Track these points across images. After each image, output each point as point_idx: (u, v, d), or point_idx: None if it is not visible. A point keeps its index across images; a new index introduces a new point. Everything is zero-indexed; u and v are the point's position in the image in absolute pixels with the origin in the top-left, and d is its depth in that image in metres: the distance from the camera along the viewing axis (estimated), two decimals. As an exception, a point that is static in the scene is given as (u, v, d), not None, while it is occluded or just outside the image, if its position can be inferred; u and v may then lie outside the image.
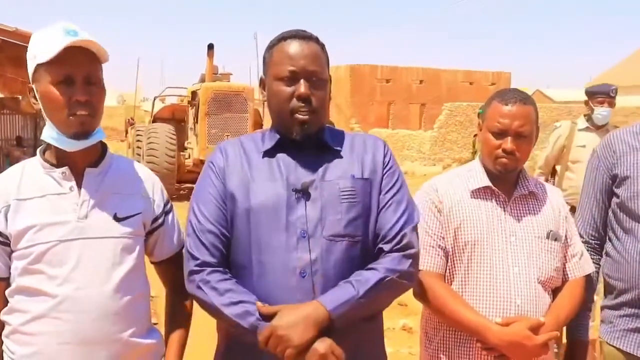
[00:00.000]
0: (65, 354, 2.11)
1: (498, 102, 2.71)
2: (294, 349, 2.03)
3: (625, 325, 2.85)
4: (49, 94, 2.13)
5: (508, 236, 2.68)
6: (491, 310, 2.60)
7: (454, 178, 2.83)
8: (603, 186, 2.94)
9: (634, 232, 2.81)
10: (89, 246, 2.16)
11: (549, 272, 2.68)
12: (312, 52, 2.28)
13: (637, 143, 2.88)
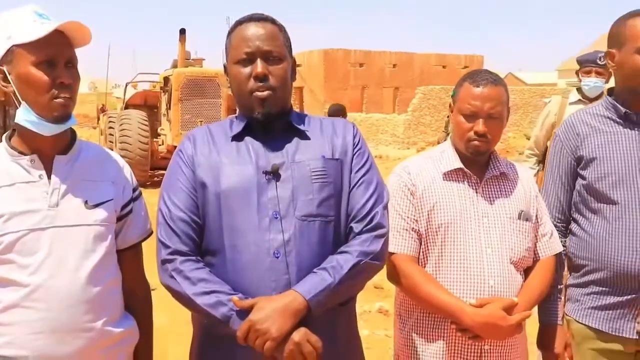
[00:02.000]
0: (38, 343, 2.10)
1: (469, 83, 2.71)
2: (272, 341, 2.05)
3: (593, 303, 2.91)
4: (31, 75, 2.10)
5: (480, 217, 2.70)
6: (465, 291, 2.62)
7: (426, 160, 2.84)
8: (568, 168, 2.99)
9: (602, 212, 2.87)
10: (60, 235, 2.14)
11: (521, 252, 2.71)
12: (268, 32, 2.30)
13: (599, 124, 2.94)
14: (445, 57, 38.65)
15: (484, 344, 2.63)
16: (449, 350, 2.67)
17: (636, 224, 2.81)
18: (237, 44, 2.31)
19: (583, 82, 6.05)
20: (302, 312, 2.09)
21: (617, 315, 2.86)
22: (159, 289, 2.32)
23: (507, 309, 2.56)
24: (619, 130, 2.90)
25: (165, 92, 17.68)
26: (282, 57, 2.32)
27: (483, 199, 2.73)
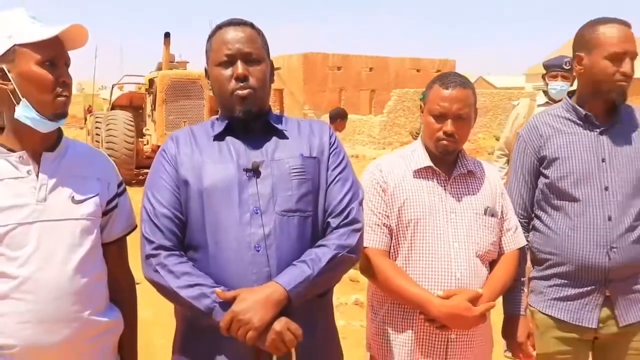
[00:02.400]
0: (26, 332, 2.09)
1: (439, 85, 2.72)
2: (255, 331, 2.06)
3: (555, 294, 2.97)
4: (36, 74, 2.11)
5: (448, 213, 2.71)
6: (433, 283, 2.64)
7: (397, 159, 2.85)
8: (531, 167, 3.03)
9: (564, 209, 2.92)
10: (48, 228, 2.14)
11: (487, 246, 2.73)
12: (247, 35, 2.32)
13: (561, 125, 2.98)
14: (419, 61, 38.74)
15: (450, 333, 2.65)
16: (417, 339, 2.68)
17: (597, 220, 2.86)
18: (217, 47, 2.32)
19: (550, 85, 6.07)
20: (282, 303, 2.11)
21: (579, 306, 2.92)
22: (143, 283, 2.32)
23: (473, 300, 2.58)
24: (579, 132, 2.95)
25: (150, 94, 17.61)
26: (260, 59, 2.33)
27: (451, 196, 2.75)
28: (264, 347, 2.10)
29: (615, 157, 2.90)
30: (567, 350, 2.98)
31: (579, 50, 2.95)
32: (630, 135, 2.94)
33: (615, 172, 2.89)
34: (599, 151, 2.91)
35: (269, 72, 2.39)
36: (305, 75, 35.11)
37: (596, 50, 2.87)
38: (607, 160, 2.90)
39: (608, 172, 2.89)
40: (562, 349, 2.98)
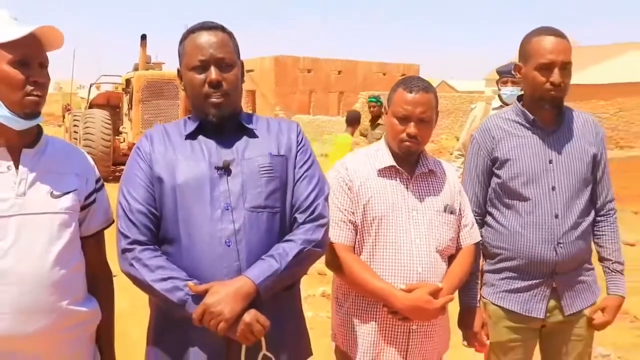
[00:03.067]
0: (5, 322, 2.08)
1: (403, 89, 2.73)
2: (225, 322, 2.07)
3: (506, 287, 3.01)
4: (6, 73, 2.08)
5: (410, 211, 2.72)
6: (396, 277, 2.65)
7: (362, 158, 2.85)
8: (484, 168, 3.06)
9: (515, 207, 2.96)
10: (27, 221, 2.13)
11: (446, 242, 2.76)
12: (220, 40, 2.31)
13: (511, 129, 3.02)
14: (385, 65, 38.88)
15: (412, 325, 2.67)
16: (380, 330, 2.70)
17: (545, 218, 2.91)
18: (190, 52, 2.31)
19: (502, 90, 6.19)
20: (251, 296, 2.12)
21: (528, 297, 2.97)
22: (120, 276, 2.32)
23: (433, 293, 2.60)
24: (528, 135, 2.99)
25: (127, 94, 17.48)
26: (233, 63, 2.33)
27: (413, 194, 2.76)
28: (234, 337, 2.12)
29: (561, 159, 2.96)
30: (518, 338, 3.03)
31: (519, 60, 3.01)
32: (574, 138, 3.00)
33: (561, 173, 2.94)
34: (547, 153, 2.96)
35: (241, 74, 2.39)
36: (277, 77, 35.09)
37: (529, 61, 2.92)
38: (554, 162, 2.95)
39: (555, 173, 2.94)
40: (513, 337, 3.02)
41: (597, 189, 3.07)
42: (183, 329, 2.22)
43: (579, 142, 3.00)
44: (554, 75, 2.85)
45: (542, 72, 2.87)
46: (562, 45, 2.87)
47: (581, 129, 3.04)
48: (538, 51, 2.88)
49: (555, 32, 2.91)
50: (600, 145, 3.06)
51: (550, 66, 2.85)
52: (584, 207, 2.99)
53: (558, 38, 2.88)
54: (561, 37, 2.89)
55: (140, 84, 16.41)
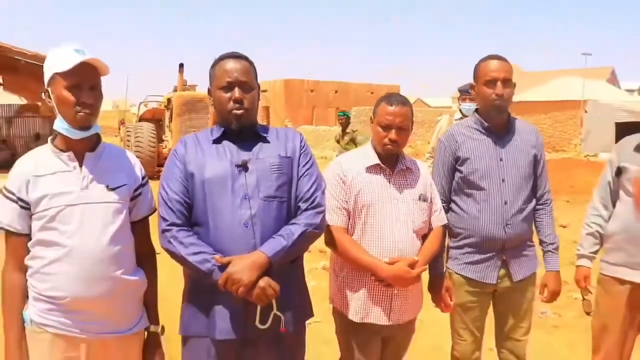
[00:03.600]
0: (73, 287, 2.12)
1: (385, 103, 2.73)
2: (244, 287, 2.09)
3: (466, 259, 3.02)
4: (63, 96, 2.11)
5: (392, 200, 2.72)
6: (381, 253, 2.66)
7: (353, 158, 2.85)
8: (449, 165, 3.05)
9: (473, 196, 2.97)
10: (89, 209, 2.15)
11: (420, 224, 2.76)
12: (243, 67, 2.32)
13: (470, 134, 3.03)
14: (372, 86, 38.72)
15: (393, 290, 2.68)
16: (369, 294, 2.70)
17: (496, 204, 2.92)
18: (220, 75, 2.32)
19: (461, 105, 6.21)
20: (265, 266, 2.14)
21: (483, 267, 2.98)
22: (162, 253, 2.32)
23: (411, 265, 2.62)
24: (484, 138, 3.00)
25: (168, 110, 17.46)
26: (253, 86, 2.34)
27: (394, 187, 2.75)
28: (251, 299, 2.13)
29: (509, 157, 2.97)
30: (475, 300, 3.03)
31: (473, 80, 3.03)
32: (519, 141, 3.01)
33: (510, 168, 2.95)
34: (498, 153, 2.97)
35: (258, 95, 2.39)
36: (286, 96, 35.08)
37: (480, 79, 2.95)
38: (503, 160, 2.96)
39: (504, 168, 2.95)
40: (471, 299, 3.03)
41: (538, 182, 3.07)
42: (210, 293, 2.22)
43: (524, 145, 3.01)
44: (497, 87, 2.89)
45: (488, 86, 2.91)
46: (503, 66, 2.93)
47: (525, 135, 3.05)
48: (485, 71, 2.93)
49: (498, 57, 2.97)
50: (540, 148, 3.08)
51: (494, 81, 2.90)
52: (527, 196, 3.00)
53: (500, 61, 2.94)
54: (502, 60, 2.95)
55: (178, 102, 16.42)
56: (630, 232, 2.93)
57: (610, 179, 3.11)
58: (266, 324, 2.18)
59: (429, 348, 4.44)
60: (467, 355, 3.09)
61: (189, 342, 2.36)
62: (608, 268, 3.07)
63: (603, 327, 3.08)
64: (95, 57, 2.13)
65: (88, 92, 2.13)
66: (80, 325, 2.16)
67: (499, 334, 3.14)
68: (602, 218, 3.13)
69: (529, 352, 3.18)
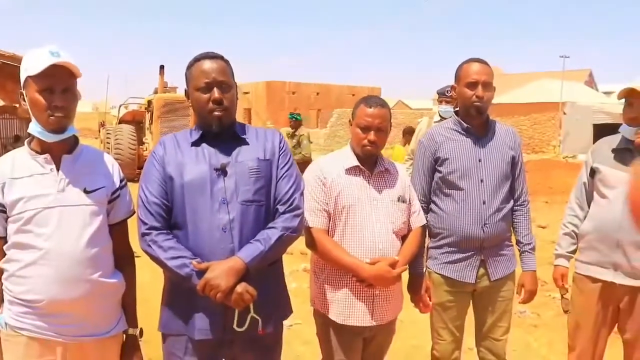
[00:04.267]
0: (50, 290, 2.10)
1: (364, 105, 2.73)
2: (222, 292, 2.09)
3: (445, 259, 3.03)
4: (35, 99, 2.09)
5: (372, 201, 2.72)
6: (362, 253, 2.66)
7: (332, 160, 2.86)
8: (429, 165, 3.07)
9: (452, 196, 2.99)
10: (66, 212, 2.14)
11: (400, 225, 2.76)
12: (220, 67, 2.30)
13: (450, 135, 3.05)
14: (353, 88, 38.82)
15: (375, 290, 2.68)
16: (351, 295, 2.70)
17: (475, 204, 2.95)
18: (197, 76, 2.29)
19: (439, 108, 6.23)
20: (242, 272, 2.14)
21: (462, 267, 3.00)
22: (143, 256, 2.31)
23: (391, 265, 2.62)
24: (463, 139, 3.02)
25: (148, 112, 17.31)
26: (231, 85, 2.32)
27: (373, 188, 2.76)
28: (229, 303, 2.14)
29: (488, 158, 2.99)
30: (454, 299, 3.05)
31: (454, 82, 3.06)
32: (497, 142, 3.04)
33: (488, 169, 2.98)
34: (477, 154, 2.99)
35: (236, 94, 2.38)
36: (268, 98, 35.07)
37: (460, 81, 2.99)
38: (482, 161, 2.98)
39: (483, 169, 2.97)
40: (450, 298, 3.05)
41: (515, 183, 3.10)
42: (190, 297, 2.22)
43: (502, 146, 3.04)
44: (478, 90, 2.93)
45: (469, 88, 2.95)
46: (484, 69, 2.97)
47: (504, 136, 3.08)
48: (466, 73, 2.96)
49: (479, 60, 3.01)
50: (518, 150, 3.11)
51: (475, 84, 2.93)
52: (505, 196, 3.02)
53: (481, 64, 2.98)
54: (483, 64, 2.99)
55: (159, 104, 16.30)
56: (602, 232, 2.98)
57: (585, 180, 3.17)
58: (243, 326, 2.19)
59: (409, 348, 4.47)
60: (446, 355, 3.11)
61: (168, 340, 2.36)
62: (581, 267, 3.12)
63: (577, 325, 3.14)
64: (67, 60, 2.10)
65: (60, 95, 2.10)
66: (56, 328, 2.14)
67: (478, 333, 3.16)
68: (578, 218, 3.18)
69: (509, 351, 3.22)
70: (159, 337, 2.42)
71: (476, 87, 2.93)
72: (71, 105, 2.15)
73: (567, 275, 3.24)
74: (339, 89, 38.33)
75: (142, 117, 18.64)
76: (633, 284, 2.93)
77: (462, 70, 2.99)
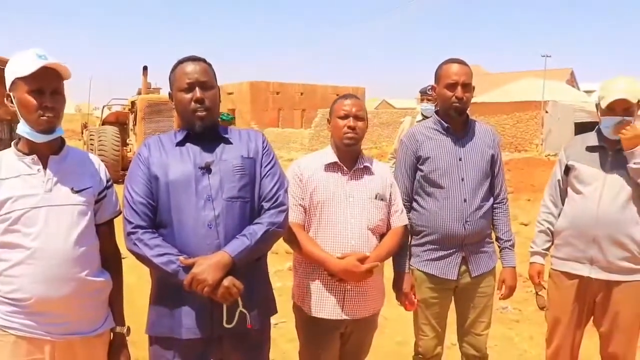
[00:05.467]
0: (38, 289, 2.11)
1: (340, 100, 2.86)
2: (209, 287, 2.12)
3: (428, 256, 3.08)
4: (25, 100, 2.11)
5: (347, 197, 2.77)
6: (334, 248, 2.72)
7: (312, 157, 2.94)
8: (411, 164, 3.11)
9: (434, 194, 3.03)
10: (53, 211, 2.15)
11: (376, 222, 2.80)
12: (202, 68, 2.35)
13: (431, 134, 3.10)
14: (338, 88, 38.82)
15: (346, 285, 2.74)
16: (323, 288, 2.77)
17: (456, 202, 2.99)
18: (180, 77, 2.34)
19: (421, 106, 6.40)
20: (229, 266, 2.17)
21: (444, 264, 3.05)
22: (129, 257, 2.33)
23: (361, 260, 2.68)
24: (443, 139, 3.07)
25: (132, 113, 17.24)
26: (212, 85, 2.37)
27: (350, 184, 2.81)
28: (216, 298, 2.17)
29: (468, 157, 3.04)
30: (436, 296, 3.10)
31: (435, 82, 3.11)
32: (477, 142, 3.09)
33: (468, 167, 3.03)
34: (457, 152, 3.04)
35: (218, 94, 2.42)
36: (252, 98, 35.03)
37: (440, 82, 3.04)
38: (462, 159, 3.03)
39: (463, 167, 3.02)
40: (433, 295, 3.09)
41: (495, 181, 3.15)
42: (177, 293, 2.24)
43: (481, 145, 3.09)
44: (458, 91, 2.98)
45: (449, 89, 3.00)
46: (463, 70, 3.01)
47: (483, 135, 3.13)
48: (446, 74, 3.01)
49: (459, 60, 3.05)
50: (497, 148, 3.17)
51: (454, 85, 2.98)
52: (485, 194, 3.08)
53: (461, 65, 3.02)
54: (463, 64, 3.03)
55: (142, 105, 16.23)
56: (578, 228, 3.05)
57: (560, 177, 3.23)
58: (232, 322, 2.22)
59: (394, 345, 4.53)
60: (429, 350, 3.16)
61: (156, 342, 2.38)
62: (557, 263, 3.19)
63: (554, 320, 3.20)
64: (57, 62, 2.14)
65: (50, 96, 2.13)
66: (44, 327, 2.16)
67: (460, 329, 3.22)
68: (552, 215, 3.24)
69: (491, 345, 3.28)
70: (145, 338, 2.44)
71: (455, 88, 2.98)
72: (60, 106, 2.18)
73: (543, 272, 3.31)
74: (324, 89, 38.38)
75: (125, 118, 18.54)
76: (609, 278, 3.01)
77: (442, 71, 3.04)
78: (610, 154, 3.02)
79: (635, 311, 3.03)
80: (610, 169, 3.00)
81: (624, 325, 3.04)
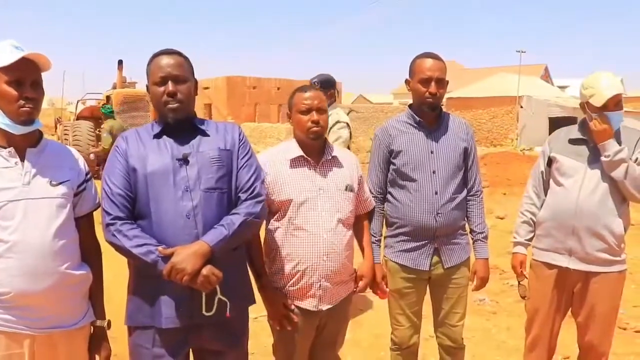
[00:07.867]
0: (17, 283, 2.11)
1: (299, 92, 2.80)
2: (188, 275, 2.15)
3: (401, 247, 3.14)
4: (4, 91, 2.11)
5: (318, 190, 2.75)
6: (308, 244, 2.71)
7: (275, 152, 2.88)
8: (384, 158, 3.16)
9: (406, 187, 3.09)
10: (31, 204, 2.15)
11: (347, 213, 2.82)
12: (176, 62, 2.37)
13: (404, 128, 3.15)
14: (315, 83, 38.88)
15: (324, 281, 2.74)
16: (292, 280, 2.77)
17: (428, 195, 3.04)
18: (154, 70, 2.37)
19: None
20: (207, 255, 2.20)
21: (417, 255, 3.11)
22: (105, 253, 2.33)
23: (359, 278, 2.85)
24: (415, 132, 3.12)
25: (107, 108, 17.13)
26: (186, 79, 2.38)
27: (319, 176, 2.78)
28: (195, 286, 2.20)
29: (440, 150, 3.09)
30: (410, 286, 3.16)
31: (409, 76, 3.13)
32: (449, 135, 3.13)
33: (440, 160, 3.07)
34: (429, 146, 3.08)
35: (194, 87, 2.44)
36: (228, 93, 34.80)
37: (414, 76, 3.07)
38: (434, 152, 3.08)
39: (435, 160, 3.07)
40: (407, 285, 3.16)
41: (468, 174, 3.20)
42: (155, 283, 2.27)
43: (454, 138, 3.13)
44: (431, 86, 3.00)
45: (423, 84, 3.02)
46: (437, 65, 3.03)
47: (456, 129, 3.17)
48: (420, 69, 3.03)
49: (433, 55, 3.07)
50: (470, 141, 3.20)
51: (428, 80, 3.01)
52: (457, 186, 3.12)
53: (435, 60, 3.04)
54: (437, 59, 3.05)
55: (118, 100, 16.10)
56: (559, 219, 3.11)
57: (542, 169, 3.29)
58: (211, 310, 2.25)
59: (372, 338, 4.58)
60: (405, 340, 3.23)
61: (135, 333, 2.41)
62: (538, 253, 3.26)
63: (534, 310, 3.28)
64: (37, 52, 2.14)
65: (30, 87, 2.14)
66: (23, 321, 2.16)
67: (435, 320, 3.28)
68: (535, 206, 3.30)
69: (468, 337, 3.35)
70: (125, 334, 2.46)
71: (429, 84, 3.01)
72: (40, 97, 2.19)
73: (526, 262, 3.38)
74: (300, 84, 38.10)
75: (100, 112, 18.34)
76: (586, 269, 3.07)
77: (416, 66, 3.06)
78: (591, 147, 3.07)
79: (611, 302, 3.12)
80: (591, 162, 3.06)
81: (600, 316, 3.11)
